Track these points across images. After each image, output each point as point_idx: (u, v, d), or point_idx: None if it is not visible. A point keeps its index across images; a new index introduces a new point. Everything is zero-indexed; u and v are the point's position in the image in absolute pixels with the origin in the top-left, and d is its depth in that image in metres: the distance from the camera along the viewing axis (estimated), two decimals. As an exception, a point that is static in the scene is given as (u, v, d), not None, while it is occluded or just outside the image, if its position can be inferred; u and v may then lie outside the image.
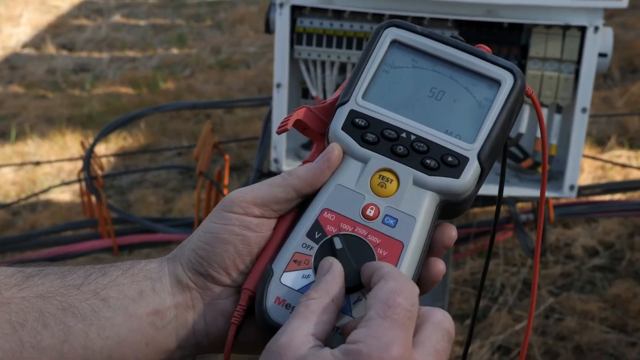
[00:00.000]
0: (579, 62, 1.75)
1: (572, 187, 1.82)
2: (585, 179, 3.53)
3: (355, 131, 0.71)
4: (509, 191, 1.89)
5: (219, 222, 0.69)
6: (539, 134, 1.81)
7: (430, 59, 0.74)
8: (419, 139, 0.71)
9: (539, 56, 1.76)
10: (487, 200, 2.42)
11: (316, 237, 0.68)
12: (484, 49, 0.75)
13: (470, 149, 0.70)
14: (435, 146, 0.70)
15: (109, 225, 2.40)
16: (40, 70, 5.14)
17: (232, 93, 4.64)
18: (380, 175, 0.70)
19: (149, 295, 0.68)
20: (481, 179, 0.71)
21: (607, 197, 3.14)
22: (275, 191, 0.70)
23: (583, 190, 2.94)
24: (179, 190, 3.73)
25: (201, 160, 2.34)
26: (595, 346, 2.63)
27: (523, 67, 1.78)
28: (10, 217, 3.61)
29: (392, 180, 0.70)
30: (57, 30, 5.86)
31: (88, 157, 2.35)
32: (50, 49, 5.48)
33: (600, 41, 1.74)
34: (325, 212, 0.69)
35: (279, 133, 0.75)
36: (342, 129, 0.71)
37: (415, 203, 0.69)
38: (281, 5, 1.78)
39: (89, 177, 2.36)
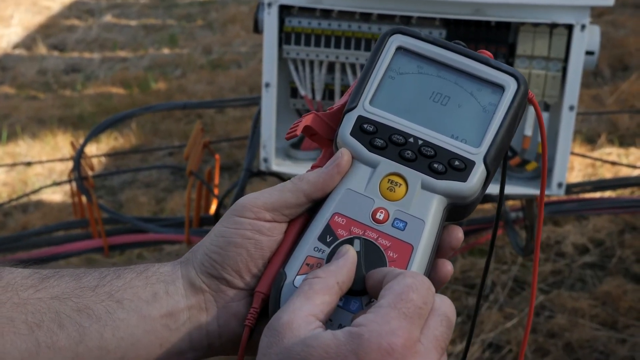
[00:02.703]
0: (566, 60, 1.76)
1: (560, 185, 1.83)
2: (575, 177, 3.54)
3: (363, 136, 0.73)
4: (496, 189, 1.90)
5: (232, 227, 0.71)
6: (526, 132, 1.82)
7: (435, 65, 0.76)
8: (426, 143, 0.72)
9: (527, 54, 1.77)
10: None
11: (328, 240, 0.70)
12: (486, 54, 0.77)
13: (477, 153, 0.72)
14: (442, 150, 0.72)
15: (99, 226, 2.40)
16: (32, 71, 5.13)
17: (223, 93, 4.64)
18: (389, 180, 0.72)
19: (162, 297, 0.70)
20: (487, 182, 0.73)
21: (597, 195, 3.15)
22: (286, 196, 0.71)
23: (573, 188, 2.95)
24: (170, 190, 3.73)
25: (191, 160, 2.34)
26: (586, 343, 2.64)
27: (511, 65, 1.79)
28: (1, 218, 3.60)
29: (400, 184, 0.72)
30: (48, 31, 5.85)
31: (78, 157, 2.35)
32: (42, 49, 5.47)
33: (587, 39, 1.75)
34: (336, 216, 0.71)
35: (287, 139, 0.76)
36: (351, 134, 0.73)
37: (423, 206, 0.71)
38: (269, 5, 1.78)
39: (80, 178, 2.36)
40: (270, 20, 1.79)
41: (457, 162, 0.71)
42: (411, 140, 0.72)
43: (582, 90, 4.24)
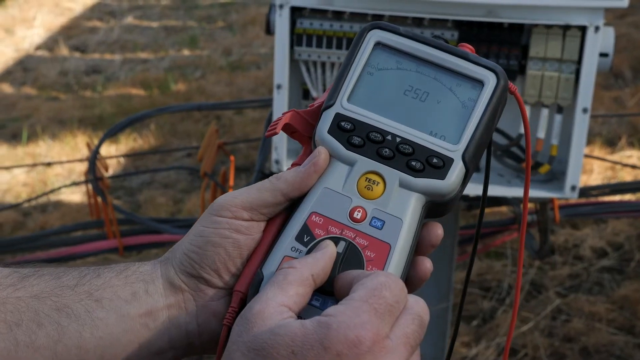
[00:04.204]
0: (579, 62, 1.74)
1: (573, 188, 1.81)
2: (595, 180, 3.51)
3: (341, 134, 0.72)
4: (510, 192, 1.88)
5: (209, 226, 0.70)
6: (539, 134, 1.80)
7: (414, 60, 0.74)
8: (404, 141, 0.71)
9: (539, 56, 1.76)
10: (493, 201, 2.41)
11: (305, 240, 0.69)
12: (467, 48, 0.76)
13: (455, 150, 0.71)
14: (420, 148, 0.71)
15: (114, 226, 2.41)
16: (53, 72, 5.17)
17: (242, 94, 4.65)
18: (366, 178, 0.71)
19: (141, 296, 0.70)
20: (466, 179, 0.72)
21: (616, 198, 3.12)
22: (264, 195, 0.71)
23: (592, 191, 2.92)
24: (188, 191, 3.74)
25: (205, 161, 2.35)
26: (603, 348, 2.61)
27: (523, 68, 1.78)
28: (21, 218, 3.63)
29: (378, 182, 0.71)
30: (70, 32, 5.90)
31: (93, 158, 2.36)
32: (63, 50, 5.52)
33: (601, 41, 1.73)
34: (314, 216, 0.70)
35: (267, 137, 0.76)
36: (328, 132, 0.72)
37: (401, 205, 0.70)
38: (281, 6, 1.78)
39: (94, 179, 2.37)
40: (281, 22, 1.79)
41: (435, 160, 0.71)
42: (389, 137, 0.71)
43: (602, 92, 4.21)
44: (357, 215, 0.70)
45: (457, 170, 0.71)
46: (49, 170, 3.94)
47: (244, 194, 0.71)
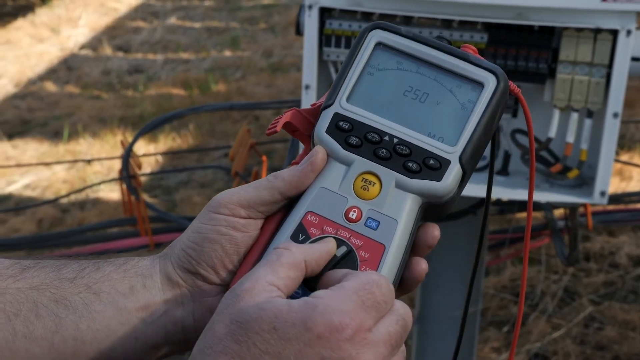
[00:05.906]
0: (610, 66, 1.72)
1: (603, 194, 1.78)
2: (634, 187, 3.46)
3: (339, 134, 0.72)
4: (539, 196, 1.86)
5: (207, 223, 0.71)
6: (568, 138, 1.78)
7: (415, 61, 0.74)
8: (402, 142, 0.71)
9: (570, 60, 1.73)
10: (524, 205, 2.39)
11: (300, 239, 0.69)
12: (470, 49, 0.75)
13: (452, 152, 0.71)
14: (418, 149, 0.71)
15: (146, 224, 2.44)
16: (96, 71, 5.25)
17: (282, 96, 4.67)
18: (363, 178, 0.71)
19: (139, 291, 0.71)
20: (463, 181, 0.72)
21: (656, 205, 3.06)
22: (261, 193, 0.71)
23: (630, 197, 2.88)
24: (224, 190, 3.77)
25: (237, 161, 2.36)
26: (635, 357, 2.57)
27: (553, 71, 1.76)
28: (60, 214, 3.70)
29: (374, 183, 0.71)
30: (114, 32, 5.98)
31: (127, 156, 2.39)
32: (107, 50, 5.60)
33: (633, 45, 1.70)
34: (309, 215, 0.70)
35: (268, 135, 0.76)
36: (327, 132, 0.72)
37: (397, 206, 0.70)
38: (310, 7, 1.79)
39: (127, 176, 2.40)
40: (310, 23, 1.80)
41: (432, 161, 0.70)
42: (386, 138, 0.71)
43: (645, 97, 4.12)
44: (353, 215, 0.70)
45: (453, 172, 0.70)
46: (89, 167, 4.00)
47: (241, 191, 0.72)
